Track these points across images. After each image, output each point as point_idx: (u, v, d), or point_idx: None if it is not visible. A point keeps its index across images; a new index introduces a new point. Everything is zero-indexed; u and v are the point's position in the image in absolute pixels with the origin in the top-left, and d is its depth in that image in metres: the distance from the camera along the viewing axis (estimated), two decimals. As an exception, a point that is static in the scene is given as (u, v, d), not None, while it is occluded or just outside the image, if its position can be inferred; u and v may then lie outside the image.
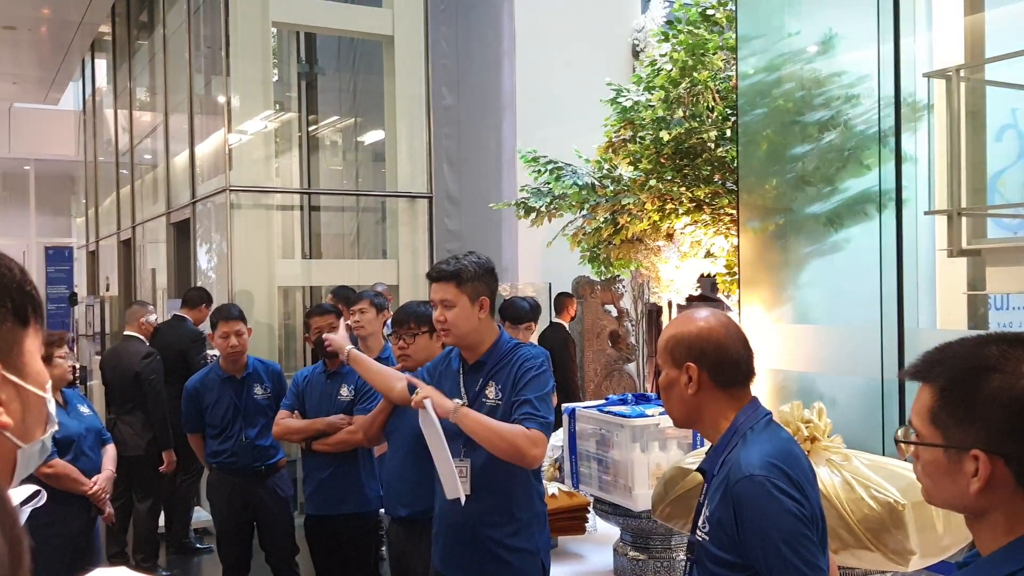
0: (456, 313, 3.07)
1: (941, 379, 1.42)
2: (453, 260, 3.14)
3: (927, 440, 1.43)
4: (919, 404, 1.46)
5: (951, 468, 1.40)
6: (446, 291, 3.08)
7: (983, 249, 5.01)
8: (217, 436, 5.02)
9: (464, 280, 3.09)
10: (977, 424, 1.36)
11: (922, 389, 1.46)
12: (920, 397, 1.46)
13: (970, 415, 1.37)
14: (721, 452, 2.07)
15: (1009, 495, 1.35)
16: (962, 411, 1.38)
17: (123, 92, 13.92)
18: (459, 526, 3.05)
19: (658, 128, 6.80)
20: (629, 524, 3.37)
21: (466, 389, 3.11)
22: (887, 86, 5.17)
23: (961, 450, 1.38)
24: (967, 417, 1.37)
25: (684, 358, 2.10)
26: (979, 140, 5.22)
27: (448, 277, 3.09)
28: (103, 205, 15.86)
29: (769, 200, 5.94)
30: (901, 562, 2.42)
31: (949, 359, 1.43)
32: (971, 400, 1.37)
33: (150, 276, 12.57)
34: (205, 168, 9.82)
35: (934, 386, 1.43)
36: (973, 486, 1.37)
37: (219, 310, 5.18)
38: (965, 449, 1.37)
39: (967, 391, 1.38)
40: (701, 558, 2.07)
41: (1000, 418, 1.34)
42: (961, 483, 1.38)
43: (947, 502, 1.46)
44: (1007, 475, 1.34)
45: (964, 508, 1.42)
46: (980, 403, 1.36)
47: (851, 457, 2.60)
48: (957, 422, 1.39)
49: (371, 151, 11.02)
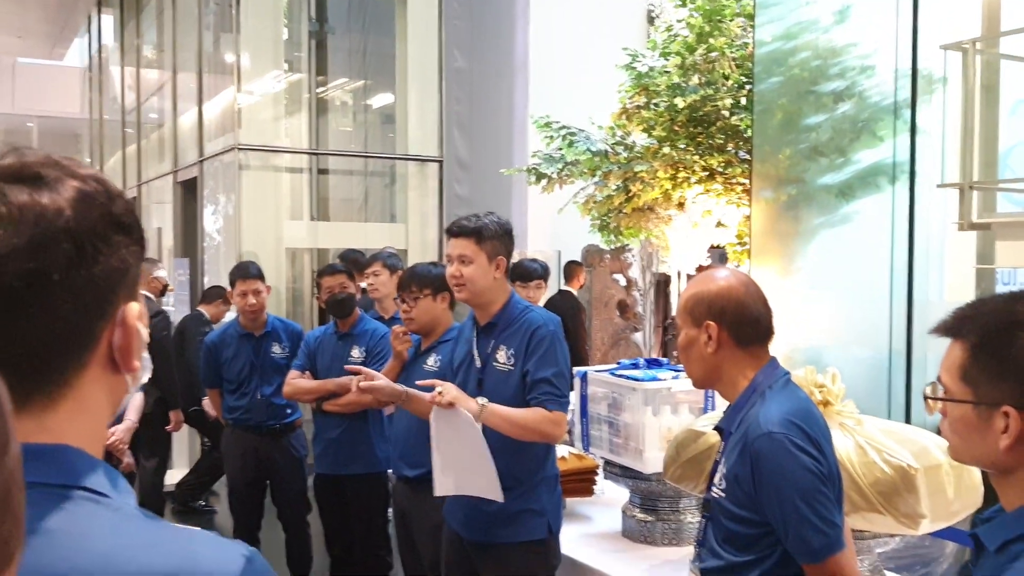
0: (473, 270, 3.07)
1: (973, 335, 1.41)
2: (474, 217, 3.13)
3: (957, 397, 1.44)
4: (949, 361, 1.45)
5: (980, 425, 1.40)
6: (465, 247, 3.08)
7: (993, 223, 5.01)
8: (233, 392, 5.03)
9: (484, 238, 3.08)
10: (1010, 381, 1.36)
11: (953, 346, 1.46)
12: (950, 354, 1.46)
13: (1002, 371, 1.37)
14: (740, 410, 2.09)
15: None
16: (994, 367, 1.38)
17: (130, 49, 13.86)
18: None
19: (673, 95, 6.79)
20: (638, 487, 3.40)
21: (479, 351, 3.12)
22: (903, 58, 5.15)
23: (992, 406, 1.38)
24: (999, 373, 1.37)
25: (704, 316, 2.11)
26: (992, 114, 5.20)
27: (469, 233, 3.09)
28: (108, 163, 15.83)
29: (782, 170, 5.93)
30: (912, 526, 2.44)
31: (981, 315, 1.43)
32: (1004, 356, 1.37)
33: (156, 235, 12.58)
34: (212, 127, 9.80)
35: (966, 342, 1.42)
36: (1003, 442, 1.37)
37: (238, 268, 5.14)
38: (996, 405, 1.37)
39: (1000, 347, 1.38)
40: (716, 515, 2.10)
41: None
42: (990, 439, 1.39)
43: (975, 459, 1.47)
44: None
45: (992, 464, 1.43)
46: (1013, 360, 1.36)
47: (864, 422, 2.62)
48: (988, 378, 1.39)
49: (381, 114, 10.98)
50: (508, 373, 3.02)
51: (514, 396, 3.00)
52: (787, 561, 1.99)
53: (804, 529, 1.92)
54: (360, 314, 4.76)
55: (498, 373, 3.04)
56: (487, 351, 3.09)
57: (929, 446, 2.51)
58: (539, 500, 3.04)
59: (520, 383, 2.99)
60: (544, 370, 2.96)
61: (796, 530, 1.93)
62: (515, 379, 3.01)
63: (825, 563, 1.94)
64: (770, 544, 2.00)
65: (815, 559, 1.94)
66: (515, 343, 3.03)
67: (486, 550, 3.09)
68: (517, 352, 3.02)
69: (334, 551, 4.85)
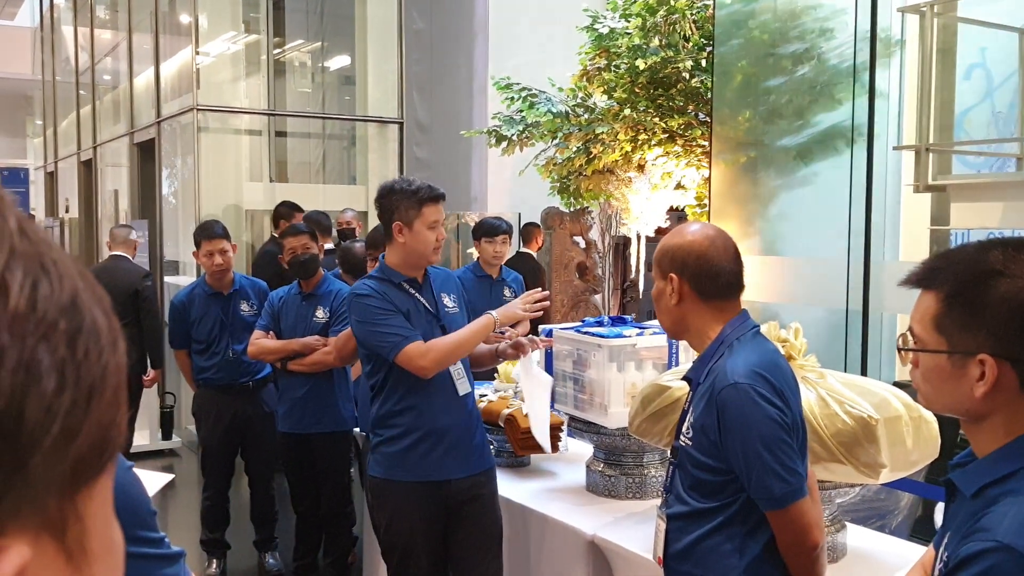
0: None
1: (946, 285, 1.42)
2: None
3: (930, 347, 1.45)
4: (920, 311, 1.47)
5: (955, 373, 1.42)
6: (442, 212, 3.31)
7: (948, 185, 5.09)
8: (203, 352, 4.99)
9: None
10: (984, 329, 1.37)
11: (924, 296, 1.47)
12: (921, 304, 1.47)
13: (976, 320, 1.38)
14: (707, 361, 2.13)
15: (1012, 398, 1.38)
16: (968, 316, 1.39)
17: (83, 8, 13.58)
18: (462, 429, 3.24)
19: (634, 57, 6.80)
20: (602, 442, 3.45)
21: (428, 303, 3.29)
22: (863, 20, 5.20)
23: (967, 355, 1.39)
24: (973, 322, 1.38)
25: (668, 268, 2.16)
26: (948, 78, 5.26)
27: (444, 197, 3.32)
28: (62, 125, 15.56)
29: (741, 132, 5.98)
30: (872, 475, 2.50)
31: (953, 265, 1.44)
32: (978, 305, 1.38)
33: (112, 197, 12.40)
34: (169, 89, 9.65)
35: (939, 292, 1.43)
36: (978, 390, 1.39)
37: (203, 228, 5.04)
38: (971, 354, 1.39)
39: (974, 296, 1.38)
40: (683, 462, 2.15)
41: (1008, 322, 1.35)
42: (965, 388, 1.41)
43: (948, 406, 1.48)
44: (1012, 378, 1.37)
45: (966, 412, 1.45)
46: (987, 308, 1.37)
47: (826, 375, 2.68)
48: (963, 327, 1.39)
49: (340, 75, 10.88)
50: (456, 315, 3.34)
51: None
52: (750, 508, 2.04)
53: (767, 476, 1.97)
54: (324, 274, 4.76)
55: (451, 316, 3.33)
56: (433, 301, 3.32)
57: (889, 397, 2.58)
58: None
59: (466, 321, 3.34)
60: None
61: (759, 477, 1.98)
62: (462, 319, 3.34)
63: (787, 509, 1.99)
64: (734, 491, 2.06)
65: (777, 505, 1.99)
66: (449, 289, 3.40)
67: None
68: (457, 296, 3.41)
69: (299, 508, 4.87)
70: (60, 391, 0.47)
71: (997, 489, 1.38)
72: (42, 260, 0.49)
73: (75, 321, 0.49)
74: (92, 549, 0.51)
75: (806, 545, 2.02)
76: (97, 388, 0.49)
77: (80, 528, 0.50)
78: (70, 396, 0.47)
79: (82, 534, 0.50)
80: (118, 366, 0.52)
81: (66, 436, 0.47)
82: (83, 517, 0.50)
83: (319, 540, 4.91)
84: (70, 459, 0.48)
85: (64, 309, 0.49)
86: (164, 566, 1.34)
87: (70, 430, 0.48)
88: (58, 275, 0.49)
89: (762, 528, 2.05)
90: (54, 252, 0.50)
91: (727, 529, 2.07)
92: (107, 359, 0.51)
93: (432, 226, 3.25)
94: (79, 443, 0.48)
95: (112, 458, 0.52)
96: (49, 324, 0.47)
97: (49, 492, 0.48)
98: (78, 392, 0.48)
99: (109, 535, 0.54)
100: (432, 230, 3.25)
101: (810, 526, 2.01)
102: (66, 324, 0.48)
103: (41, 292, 0.48)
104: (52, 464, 0.47)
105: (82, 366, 0.49)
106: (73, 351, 0.48)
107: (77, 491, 0.49)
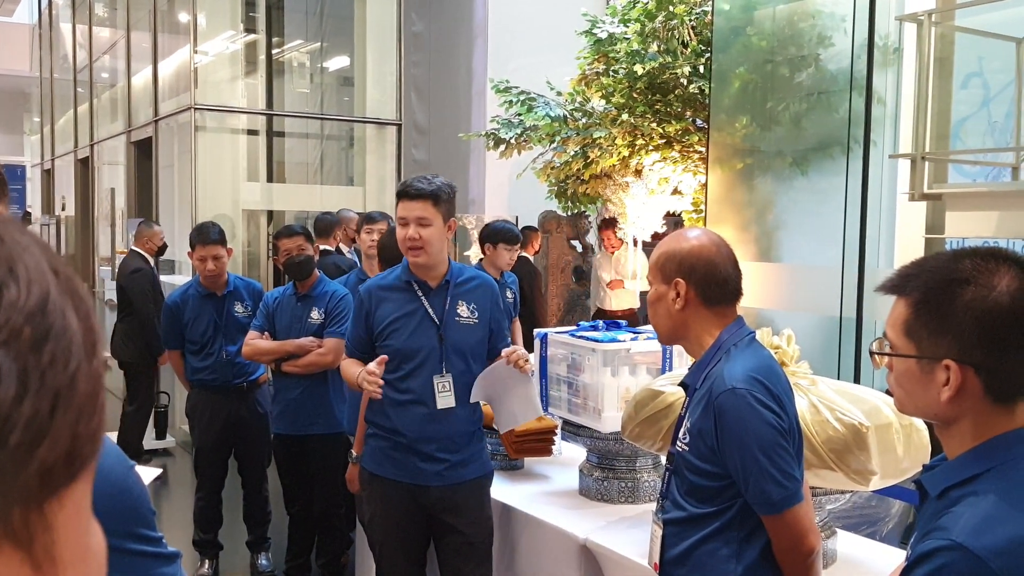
0: (431, 232, 3.11)
1: (916, 292, 1.46)
2: (425, 180, 3.17)
3: (901, 351, 1.49)
4: (894, 317, 1.51)
5: (924, 378, 1.46)
6: (424, 209, 3.11)
7: (944, 194, 5.10)
8: (197, 353, 4.99)
9: (440, 200, 3.14)
10: (950, 335, 1.41)
11: (897, 302, 1.51)
12: (895, 310, 1.51)
13: (943, 326, 1.42)
14: (704, 367, 2.14)
15: (977, 403, 1.42)
16: (936, 323, 1.43)
17: (81, 5, 13.58)
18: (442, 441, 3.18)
19: (632, 62, 6.81)
20: (596, 446, 3.45)
21: (434, 310, 3.17)
22: (861, 29, 5.21)
23: (933, 360, 1.43)
24: (940, 329, 1.42)
25: (674, 274, 2.15)
26: (946, 87, 5.27)
27: (427, 196, 3.12)
28: (59, 123, 15.54)
29: (738, 139, 5.99)
30: (862, 482, 2.51)
31: (924, 272, 1.47)
32: (944, 312, 1.42)
33: (109, 195, 12.39)
34: (167, 87, 9.65)
35: (909, 299, 1.47)
36: (944, 395, 1.43)
37: (199, 231, 4.98)
38: (937, 359, 1.43)
39: (941, 303, 1.42)
40: (680, 468, 2.15)
41: (971, 329, 1.39)
42: (932, 392, 1.45)
43: (919, 410, 1.52)
44: (976, 384, 1.40)
45: (935, 416, 1.49)
46: (953, 315, 1.41)
47: (818, 382, 2.69)
48: (930, 333, 1.44)
49: (338, 76, 10.88)
50: (472, 326, 3.19)
51: (478, 344, 3.22)
52: (747, 513, 2.05)
53: (764, 482, 1.98)
54: (319, 275, 4.75)
55: (461, 327, 3.17)
56: (444, 308, 3.17)
57: (880, 405, 2.59)
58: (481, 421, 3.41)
59: (486, 334, 3.22)
60: (505, 321, 3.32)
61: (756, 482, 1.99)
62: (480, 332, 3.20)
63: (784, 515, 2.00)
64: (731, 497, 2.06)
65: (774, 511, 2.00)
66: (476, 299, 3.20)
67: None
68: (481, 307, 3.20)
69: (292, 510, 4.87)
70: (20, 398, 0.46)
71: (960, 491, 1.42)
72: (12, 264, 0.48)
73: (42, 327, 0.48)
74: (63, 558, 0.50)
75: (803, 550, 2.02)
76: (64, 395, 0.48)
77: (49, 538, 0.49)
78: (31, 403, 0.46)
79: (51, 544, 0.49)
80: (92, 373, 0.51)
81: (28, 445, 0.46)
82: (52, 526, 0.49)
83: (312, 541, 4.91)
84: (34, 468, 0.47)
85: (31, 315, 0.47)
86: (162, 565, 1.36)
87: (33, 438, 0.46)
88: (27, 280, 0.48)
89: (759, 533, 2.05)
90: (29, 256, 0.49)
91: (724, 534, 2.08)
92: (78, 366, 0.49)
93: (401, 223, 3.16)
94: (42, 452, 0.47)
95: (85, 466, 0.51)
96: (12, 330, 0.46)
97: (11, 502, 0.46)
98: (40, 400, 0.47)
99: (84, 543, 0.53)
100: (402, 227, 3.14)
101: (807, 531, 2.02)
102: (31, 330, 0.47)
103: (6, 298, 0.47)
104: (13, 473, 0.46)
105: (47, 373, 0.47)
106: (38, 357, 0.47)
107: (45, 500, 0.48)
